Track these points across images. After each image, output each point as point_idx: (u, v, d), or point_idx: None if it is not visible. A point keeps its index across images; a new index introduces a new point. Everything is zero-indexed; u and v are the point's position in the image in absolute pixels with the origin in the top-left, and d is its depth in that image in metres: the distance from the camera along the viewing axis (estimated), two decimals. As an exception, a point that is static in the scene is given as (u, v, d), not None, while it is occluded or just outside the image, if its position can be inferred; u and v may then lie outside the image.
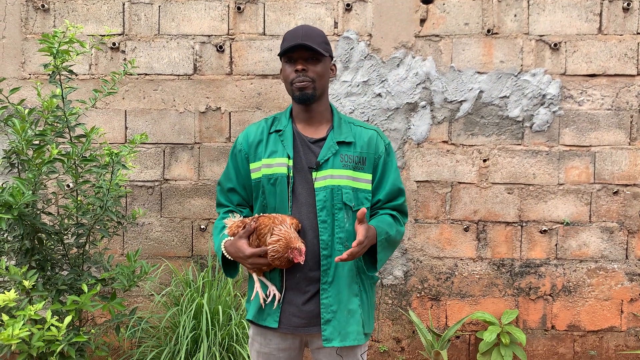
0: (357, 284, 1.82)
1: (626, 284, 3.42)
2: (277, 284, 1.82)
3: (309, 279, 1.79)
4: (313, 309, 1.79)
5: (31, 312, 2.03)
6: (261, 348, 1.89)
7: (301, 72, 1.77)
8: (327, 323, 1.77)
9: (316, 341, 1.84)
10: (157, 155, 3.46)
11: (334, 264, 1.78)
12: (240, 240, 1.73)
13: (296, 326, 1.80)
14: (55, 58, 2.35)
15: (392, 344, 3.48)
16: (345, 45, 3.39)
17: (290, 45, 1.75)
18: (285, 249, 1.66)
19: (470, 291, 3.45)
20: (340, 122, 1.89)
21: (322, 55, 1.79)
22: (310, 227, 1.79)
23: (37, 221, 2.36)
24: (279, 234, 1.67)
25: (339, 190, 1.79)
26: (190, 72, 3.44)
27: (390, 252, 1.86)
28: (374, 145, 1.87)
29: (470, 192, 3.43)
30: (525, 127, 3.40)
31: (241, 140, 1.92)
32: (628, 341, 3.45)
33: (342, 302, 1.78)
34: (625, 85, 3.37)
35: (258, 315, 1.84)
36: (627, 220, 3.41)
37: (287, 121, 1.88)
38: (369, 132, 1.89)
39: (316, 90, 1.80)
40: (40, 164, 2.24)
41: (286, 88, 1.85)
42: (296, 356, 1.91)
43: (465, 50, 3.39)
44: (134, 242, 3.47)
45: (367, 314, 1.86)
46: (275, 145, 1.85)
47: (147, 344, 3.07)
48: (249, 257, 1.71)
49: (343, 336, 1.77)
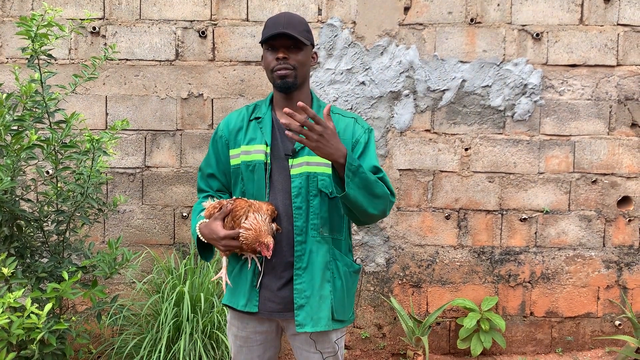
0: (330, 270, 1.83)
1: (603, 271, 3.49)
2: (255, 268, 1.83)
3: (284, 264, 1.81)
4: (288, 294, 1.81)
5: (10, 299, 2.00)
6: (238, 332, 1.91)
7: (282, 60, 1.77)
8: (300, 308, 1.79)
9: (292, 327, 1.86)
10: (138, 141, 3.43)
11: (308, 250, 1.79)
12: (215, 221, 1.74)
13: (271, 311, 1.83)
14: (33, 42, 2.30)
15: (373, 330, 3.52)
16: (329, 33, 3.38)
17: (272, 33, 1.75)
18: (254, 240, 1.68)
19: (451, 278, 3.49)
20: (319, 109, 1.90)
21: (304, 44, 1.79)
22: (285, 213, 1.81)
23: (16, 208, 2.33)
24: (251, 224, 1.68)
25: (314, 177, 1.80)
26: (172, 57, 3.39)
27: (365, 195, 1.65)
28: (350, 132, 1.86)
29: (452, 180, 3.45)
30: (506, 116, 3.43)
31: (222, 126, 1.93)
32: (604, 327, 3.53)
33: (315, 287, 1.79)
34: (605, 75, 3.41)
35: (234, 299, 1.86)
36: (605, 208, 3.47)
37: (267, 109, 1.89)
38: (347, 119, 1.89)
39: (297, 78, 1.80)
40: (19, 150, 2.20)
41: (267, 75, 1.85)
42: (273, 339, 1.94)
43: (448, 39, 3.39)
44: (115, 230, 3.45)
45: (340, 301, 1.86)
46: (255, 132, 1.86)
47: (129, 332, 3.05)
48: (222, 238, 1.71)
49: (315, 321, 1.79)
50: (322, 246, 1.80)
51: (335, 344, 1.89)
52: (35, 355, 2.23)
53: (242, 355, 1.93)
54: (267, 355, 1.95)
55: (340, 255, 1.86)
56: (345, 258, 1.88)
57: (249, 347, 1.92)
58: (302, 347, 1.89)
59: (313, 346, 1.85)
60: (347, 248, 1.92)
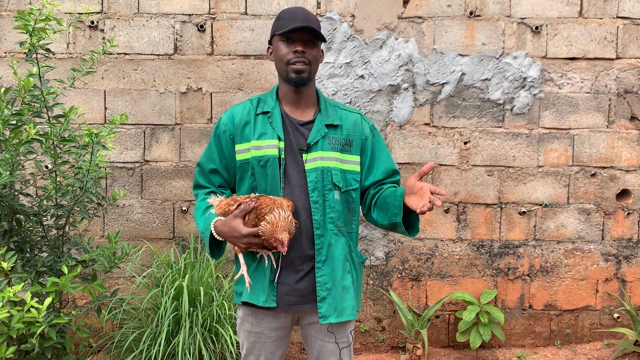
0: (349, 261, 1.86)
1: (602, 264, 3.50)
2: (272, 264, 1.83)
3: (303, 257, 1.82)
4: (306, 287, 1.82)
5: (10, 293, 2.00)
6: (252, 328, 1.90)
7: (300, 53, 1.77)
8: (322, 301, 1.80)
9: (308, 317, 1.88)
10: (137, 136, 3.42)
11: (327, 243, 1.81)
12: (235, 219, 1.72)
13: (290, 304, 1.83)
14: (31, 36, 2.30)
15: (373, 323, 3.53)
16: (328, 26, 3.37)
17: (294, 26, 1.74)
18: (270, 235, 1.68)
19: (450, 272, 3.50)
20: (327, 105, 1.91)
21: (319, 40, 1.81)
22: (303, 207, 1.82)
23: (15, 202, 2.33)
24: (271, 219, 1.68)
25: (329, 171, 1.82)
26: (170, 51, 3.39)
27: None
28: (359, 128, 1.91)
29: (451, 174, 3.45)
30: (505, 109, 3.43)
31: (225, 120, 1.90)
32: (602, 319, 3.54)
33: (336, 279, 1.81)
34: (605, 68, 3.41)
35: (254, 296, 1.85)
36: (604, 202, 3.47)
37: (275, 103, 1.88)
38: (354, 115, 1.94)
39: (311, 74, 1.82)
40: (17, 144, 2.20)
41: (278, 68, 1.84)
42: (286, 336, 1.95)
43: (447, 32, 3.39)
44: (115, 224, 3.45)
45: (357, 291, 1.91)
46: (264, 127, 1.84)
47: (129, 326, 3.06)
48: (245, 236, 1.70)
49: (339, 312, 1.81)
50: (340, 239, 1.83)
51: (350, 334, 1.91)
52: (36, 349, 2.23)
53: (255, 351, 1.92)
54: (279, 352, 1.94)
55: (354, 247, 1.90)
56: (357, 250, 1.92)
57: (262, 343, 1.90)
58: (317, 335, 1.89)
59: (332, 338, 1.87)
60: (357, 240, 1.96)
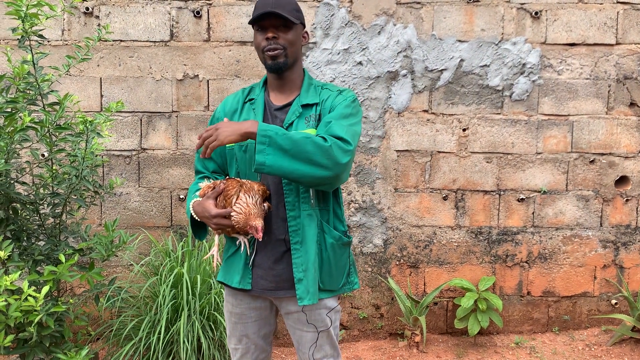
0: (318, 242, 1.85)
1: (600, 250, 3.50)
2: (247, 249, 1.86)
3: (276, 241, 1.84)
4: (281, 271, 1.84)
5: (7, 282, 2.00)
6: (233, 308, 1.95)
7: (272, 39, 1.80)
8: (299, 282, 1.81)
9: (285, 306, 1.90)
10: (134, 123, 3.40)
11: (302, 225, 1.81)
12: (207, 200, 1.77)
13: (264, 289, 1.86)
14: (23, 22, 2.27)
15: (371, 310, 3.53)
16: (326, 12, 3.33)
17: (260, 13, 1.77)
18: (244, 223, 1.72)
19: (449, 259, 3.50)
20: (310, 87, 1.91)
21: (293, 23, 1.81)
22: (275, 191, 1.83)
23: (11, 191, 2.31)
24: (241, 208, 1.72)
25: None
26: (166, 38, 3.35)
27: (293, 157, 1.65)
28: (329, 103, 1.85)
29: (450, 161, 3.44)
30: (504, 96, 3.41)
31: (219, 109, 1.99)
32: (600, 306, 3.55)
33: (310, 261, 1.82)
34: (604, 54, 3.38)
35: (229, 277, 1.90)
36: (603, 188, 3.46)
37: (260, 90, 1.94)
38: (330, 92, 1.89)
39: (288, 58, 1.83)
40: (12, 132, 2.18)
41: (259, 56, 1.87)
42: (267, 317, 1.97)
43: (446, 18, 3.35)
44: (112, 212, 3.43)
45: (327, 272, 1.87)
46: (248, 114, 1.90)
47: (127, 314, 3.06)
48: (213, 217, 1.74)
49: (312, 295, 1.81)
50: (313, 220, 1.82)
51: (328, 317, 1.90)
52: (34, 338, 2.23)
53: (237, 332, 1.96)
54: (262, 332, 1.98)
55: (327, 227, 1.87)
56: (332, 231, 1.87)
57: (243, 324, 1.95)
58: (295, 325, 1.92)
59: (305, 322, 1.87)
60: (335, 218, 1.91)
